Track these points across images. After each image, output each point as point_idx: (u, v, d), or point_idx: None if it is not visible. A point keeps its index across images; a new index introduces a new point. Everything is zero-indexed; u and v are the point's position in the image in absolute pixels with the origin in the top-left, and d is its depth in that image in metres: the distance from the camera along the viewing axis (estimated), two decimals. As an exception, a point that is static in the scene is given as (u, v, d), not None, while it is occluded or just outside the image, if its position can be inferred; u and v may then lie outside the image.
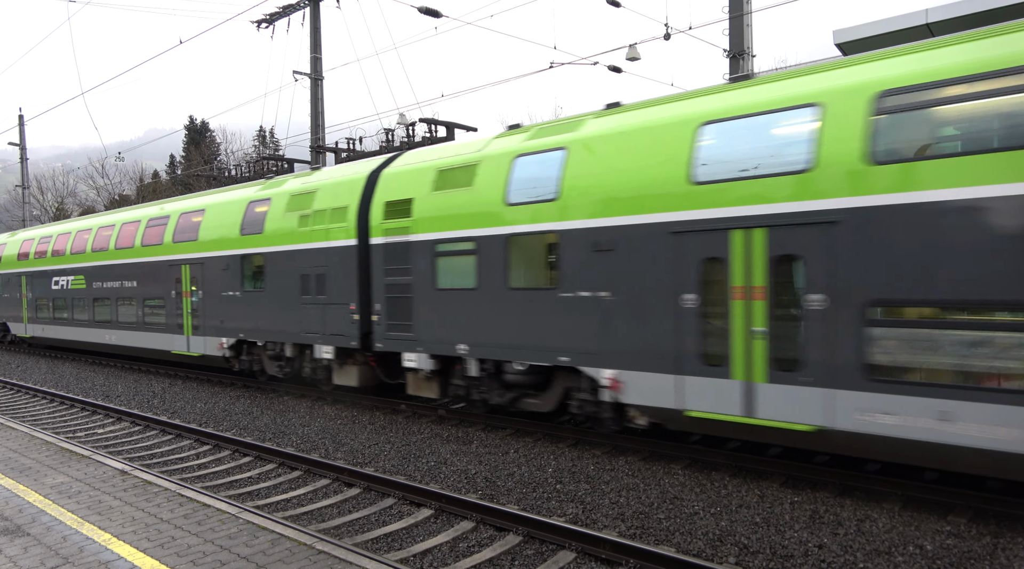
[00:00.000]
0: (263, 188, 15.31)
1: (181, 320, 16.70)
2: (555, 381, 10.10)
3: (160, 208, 18.64)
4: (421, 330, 11.36)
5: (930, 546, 6.20)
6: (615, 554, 6.06)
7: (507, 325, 10.15)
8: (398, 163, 12.38)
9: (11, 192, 61.47)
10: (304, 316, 13.44)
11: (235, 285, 15.08)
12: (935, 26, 10.70)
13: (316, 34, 23.35)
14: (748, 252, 7.78)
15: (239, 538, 5.87)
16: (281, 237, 13.90)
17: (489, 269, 10.32)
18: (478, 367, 10.74)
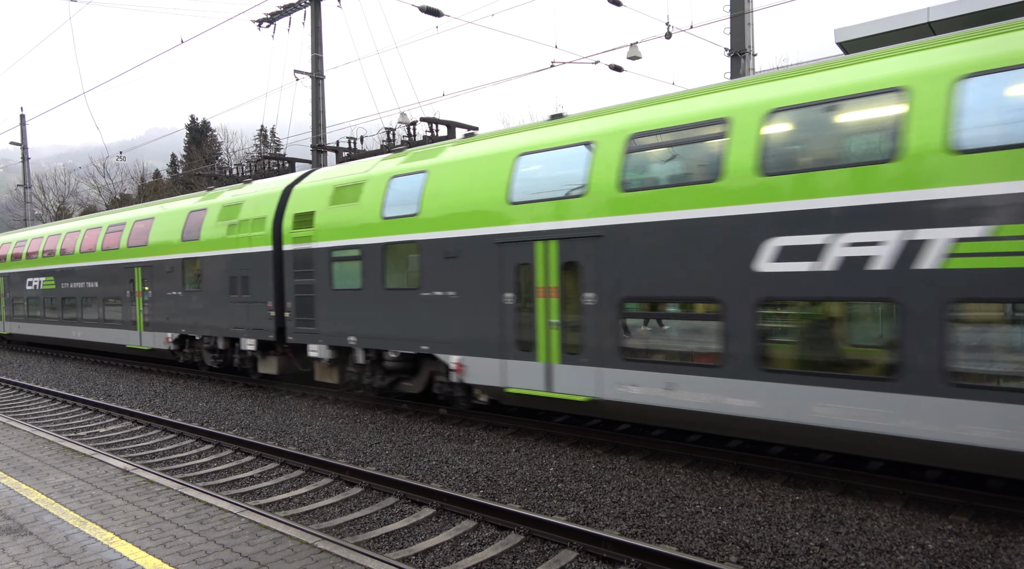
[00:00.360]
0: (202, 199, 17.16)
1: (135, 317, 18.54)
2: (422, 367, 11.93)
3: (118, 215, 20.52)
4: (322, 325, 13.12)
5: (932, 545, 6.20)
6: (617, 553, 6.06)
7: (384, 320, 11.96)
8: (306, 180, 14.25)
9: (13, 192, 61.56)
10: (232, 313, 15.26)
11: (177, 286, 16.92)
12: (937, 24, 10.70)
13: (317, 33, 23.35)
14: (547, 259, 9.69)
15: (241, 537, 5.88)
16: (214, 243, 15.74)
17: (370, 272, 12.15)
18: (364, 356, 12.54)
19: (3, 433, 10.31)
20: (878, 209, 6.94)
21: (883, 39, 10.73)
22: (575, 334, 9.45)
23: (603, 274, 9.05)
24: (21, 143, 39.76)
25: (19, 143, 39.79)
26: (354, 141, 19.40)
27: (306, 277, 13.38)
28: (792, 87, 7.90)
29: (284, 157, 21.14)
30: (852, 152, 7.41)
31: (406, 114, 20.54)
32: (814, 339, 7.86)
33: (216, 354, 16.23)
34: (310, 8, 23.31)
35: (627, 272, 8.86)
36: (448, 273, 10.87)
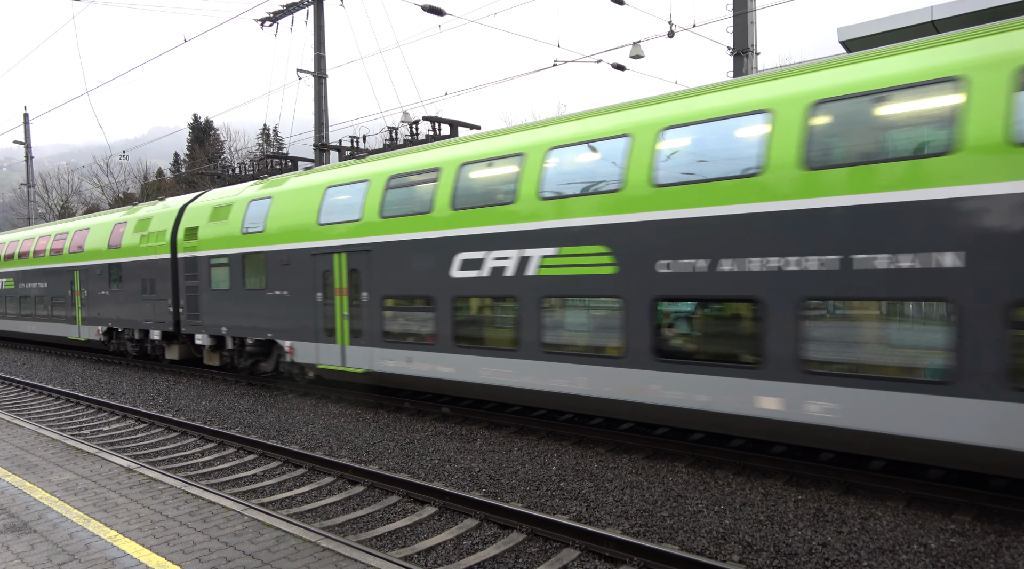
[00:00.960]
0: (126, 213, 20.34)
1: (75, 313, 21.80)
2: (272, 351, 15.02)
3: (64, 226, 23.79)
4: (204, 318, 16.23)
5: (934, 544, 6.19)
6: (619, 552, 6.07)
7: (244, 314, 15.05)
8: (196, 201, 17.37)
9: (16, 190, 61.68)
10: (144, 309, 18.48)
11: (105, 286, 20.09)
12: (940, 23, 10.67)
13: (320, 32, 23.36)
14: (340, 267, 12.71)
15: (244, 535, 5.89)
16: (131, 251, 18.89)
17: (235, 276, 15.23)
18: (232, 342, 15.73)
19: (7, 431, 10.35)
20: (507, 236, 10.07)
21: (886, 38, 10.70)
22: (357, 323, 12.54)
23: (372, 278, 12.16)
24: (25, 142, 39.84)
25: (23, 142, 39.88)
26: (357, 140, 19.42)
27: (193, 280, 16.49)
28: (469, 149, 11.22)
29: (287, 156, 21.17)
30: (495, 196, 10.52)
31: (409, 113, 20.57)
32: (480, 324, 10.97)
33: (134, 343, 19.57)
34: (313, 7, 23.32)
35: (386, 277, 11.96)
36: (283, 277, 14.00)
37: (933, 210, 6.64)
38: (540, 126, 10.50)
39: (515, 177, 10.09)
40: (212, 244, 15.84)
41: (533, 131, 10.40)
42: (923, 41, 7.34)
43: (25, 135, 39.78)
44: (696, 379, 8.27)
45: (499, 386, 10.32)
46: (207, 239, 15.97)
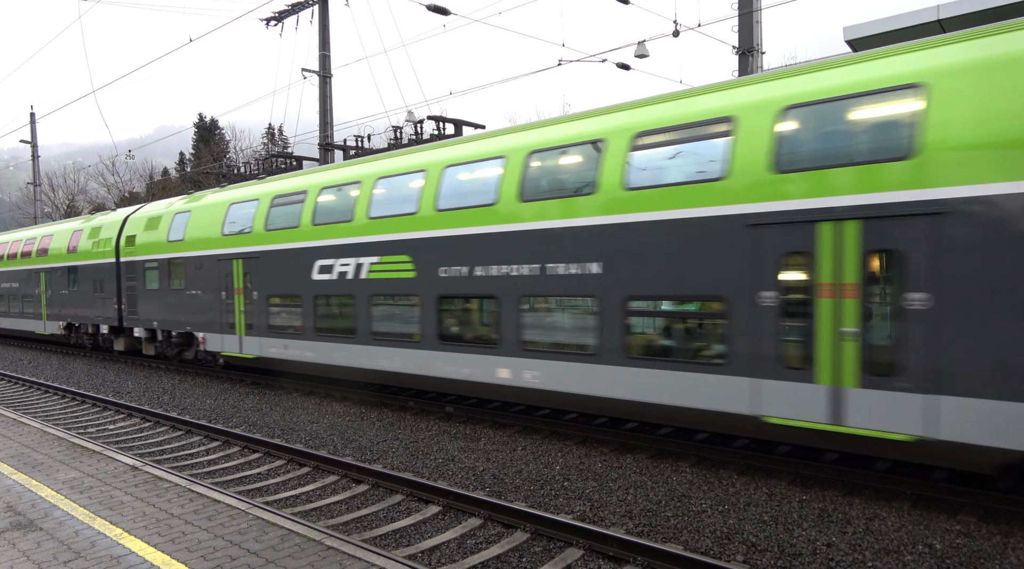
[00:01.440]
0: (82, 222, 23.42)
1: (41, 310, 24.69)
2: (192, 342, 17.57)
3: (34, 232, 26.72)
4: (140, 314, 19.10)
5: (939, 545, 6.17)
6: (623, 552, 6.06)
7: (170, 310, 17.80)
8: (137, 213, 20.12)
9: (23, 189, 61.95)
10: (95, 306, 21.24)
11: (65, 286, 22.94)
12: (947, 22, 10.62)
13: (325, 32, 23.39)
14: (238, 270, 15.34)
15: (249, 534, 5.91)
16: (85, 255, 21.68)
17: (164, 278, 17.97)
18: (162, 334, 18.47)
19: (14, 429, 10.40)
20: (348, 247, 12.64)
21: (892, 37, 10.66)
22: (251, 317, 15.07)
23: (261, 280, 14.75)
24: (31, 141, 40.01)
25: (29, 141, 40.04)
26: (361, 139, 19.44)
27: (132, 281, 19.36)
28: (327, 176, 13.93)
29: (292, 155, 21.20)
30: (341, 215, 12.92)
31: (413, 112, 20.57)
32: (332, 317, 13.32)
33: (88, 336, 22.36)
34: (318, 6, 23.35)
35: (270, 279, 14.52)
36: (197, 279, 16.66)
37: (584, 233, 9.39)
38: (372, 160, 13.32)
39: (354, 201, 12.72)
40: (147, 250, 18.76)
41: (368, 164, 13.19)
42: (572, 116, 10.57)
43: (31, 134, 39.94)
44: (462, 357, 10.99)
45: (345, 366, 12.98)
46: (143, 245, 18.93)
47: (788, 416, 7.61)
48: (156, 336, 18.70)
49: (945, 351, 6.59)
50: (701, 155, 8.67)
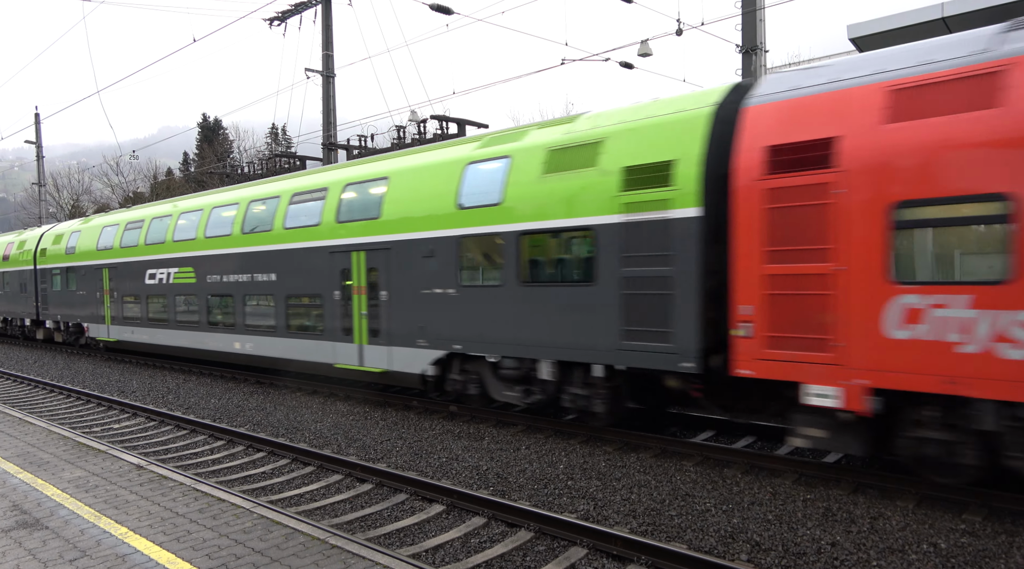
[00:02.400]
0: (15, 236, 29.33)
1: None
2: (82, 330, 22.54)
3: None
4: (50, 309, 24.37)
5: (944, 544, 6.16)
6: (626, 550, 6.06)
7: (68, 306, 23.00)
8: (51, 230, 25.44)
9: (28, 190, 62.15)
10: (20, 304, 26.83)
11: (0, 287, 28.77)
12: (951, 20, 10.59)
13: (328, 31, 23.42)
14: (104, 276, 20.64)
15: (253, 532, 5.93)
16: (15, 262, 27.22)
17: (63, 281, 23.20)
18: (64, 326, 23.61)
19: (20, 428, 10.44)
20: (163, 260, 17.82)
21: (897, 35, 10.64)
22: (114, 311, 20.39)
23: (120, 283, 19.95)
24: (36, 142, 40.13)
25: (34, 142, 40.16)
26: (365, 139, 19.46)
27: (44, 284, 24.66)
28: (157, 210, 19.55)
29: (295, 155, 21.24)
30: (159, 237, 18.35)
31: (416, 112, 20.59)
32: (157, 310, 18.44)
33: (18, 327, 28.02)
34: (321, 6, 23.38)
35: (123, 283, 19.80)
36: (83, 282, 21.99)
37: (267, 254, 14.77)
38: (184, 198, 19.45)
39: (166, 228, 18.20)
40: (53, 260, 23.94)
41: (179, 202, 19.10)
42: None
43: (36, 135, 40.06)
44: (218, 336, 16.50)
45: (164, 344, 18.34)
46: (51, 256, 24.13)
47: (345, 363, 13.09)
48: (60, 327, 24.11)
49: (393, 323, 12.17)
50: (310, 211, 13.96)
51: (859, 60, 7.82)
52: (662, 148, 8.82)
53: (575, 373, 9.80)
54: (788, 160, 7.62)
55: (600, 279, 9.21)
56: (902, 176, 6.86)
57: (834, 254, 7.29)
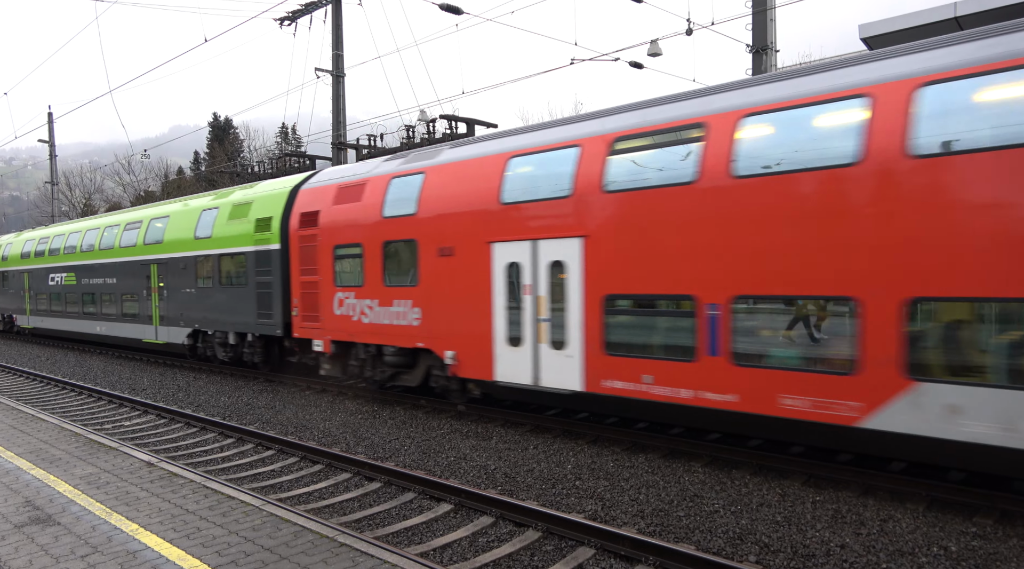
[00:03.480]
0: None
1: None
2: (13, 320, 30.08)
3: None
4: (2, 305, 31.01)
5: (955, 547, 6.12)
6: (634, 551, 6.06)
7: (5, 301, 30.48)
8: (3, 239, 32.02)
9: (41, 188, 62.64)
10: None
11: None
12: (964, 19, 10.51)
13: (338, 31, 23.48)
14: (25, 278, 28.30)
15: (263, 530, 5.96)
16: None
17: (11, 283, 29.87)
18: (2, 316, 30.71)
19: (32, 425, 10.53)
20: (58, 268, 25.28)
21: (909, 35, 10.56)
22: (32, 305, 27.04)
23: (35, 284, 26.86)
24: (49, 141, 40.45)
25: (47, 141, 40.49)
26: (374, 138, 19.50)
27: (2, 284, 30.98)
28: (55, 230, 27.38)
29: (305, 154, 21.34)
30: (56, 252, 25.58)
31: (426, 111, 20.62)
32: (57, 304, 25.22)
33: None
34: (331, 6, 23.45)
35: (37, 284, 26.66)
36: (12, 284, 29.15)
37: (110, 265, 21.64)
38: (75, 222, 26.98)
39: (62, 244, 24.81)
40: (14, 263, 29.45)
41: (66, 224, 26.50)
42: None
43: (49, 134, 40.38)
44: (88, 322, 22.64)
45: (61, 330, 24.86)
46: (12, 259, 29.66)
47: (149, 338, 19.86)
48: (2, 317, 31.08)
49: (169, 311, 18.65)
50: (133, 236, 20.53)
51: (348, 168, 14.76)
52: (268, 209, 15.47)
53: (244, 339, 16.42)
54: (306, 220, 14.11)
55: (248, 283, 15.88)
56: (338, 232, 13.40)
57: (319, 271, 13.83)
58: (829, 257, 7.35)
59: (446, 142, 13.20)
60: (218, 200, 17.60)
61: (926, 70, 7.03)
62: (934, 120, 6.89)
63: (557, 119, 11.84)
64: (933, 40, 7.43)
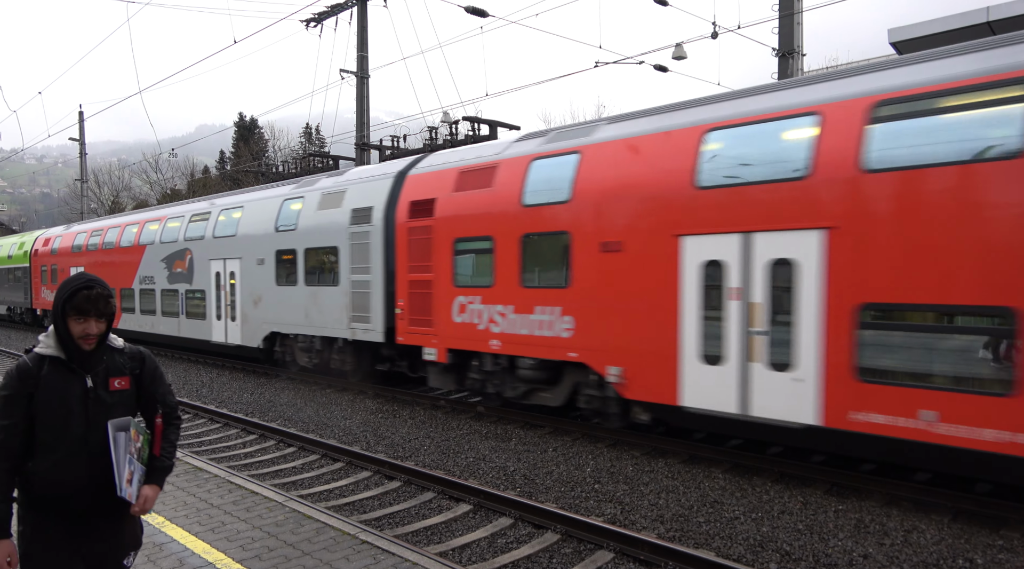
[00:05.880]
0: None
1: None
2: None
3: None
4: None
5: (981, 560, 6.03)
6: (654, 556, 6.04)
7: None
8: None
9: (71, 185, 63.83)
10: None
11: None
12: (997, 24, 10.35)
13: (363, 33, 23.68)
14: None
15: (286, 526, 6.03)
16: None
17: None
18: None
19: (61, 418, 10.74)
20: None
21: (939, 39, 10.42)
22: None
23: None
24: (79, 139, 41.23)
25: (77, 139, 41.27)
26: (397, 139, 19.63)
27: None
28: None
29: (328, 154, 21.54)
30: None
31: (449, 113, 20.73)
32: None
33: None
34: (357, 8, 23.66)
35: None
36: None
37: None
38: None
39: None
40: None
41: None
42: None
43: (80, 132, 41.15)
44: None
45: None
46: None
47: None
48: None
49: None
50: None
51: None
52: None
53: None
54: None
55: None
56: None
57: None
58: None
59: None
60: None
61: None
62: None
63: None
64: None
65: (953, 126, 6.91)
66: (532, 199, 10.38)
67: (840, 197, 7.29)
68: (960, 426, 6.53)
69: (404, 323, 12.47)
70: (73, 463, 3.05)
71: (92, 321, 3.06)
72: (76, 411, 3.06)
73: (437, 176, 12.16)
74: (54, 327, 3.10)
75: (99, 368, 3.16)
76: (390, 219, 12.88)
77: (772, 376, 7.83)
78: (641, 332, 9.05)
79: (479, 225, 11.05)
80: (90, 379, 3.12)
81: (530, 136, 11.45)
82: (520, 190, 10.49)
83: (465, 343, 11.37)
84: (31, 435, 3.03)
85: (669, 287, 8.69)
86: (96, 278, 3.12)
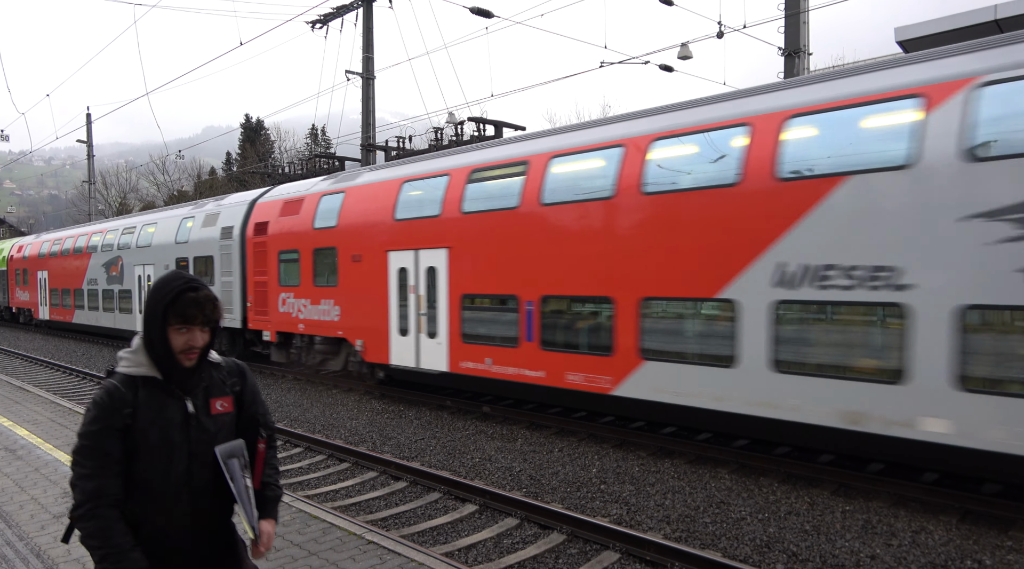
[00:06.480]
0: None
1: None
2: None
3: None
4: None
5: (989, 561, 5.99)
6: (660, 557, 6.03)
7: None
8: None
9: (78, 187, 64.17)
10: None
11: None
12: (1005, 22, 10.28)
13: (368, 34, 23.73)
14: None
15: (292, 526, 6.05)
16: None
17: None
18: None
19: (69, 418, 10.80)
20: None
21: (946, 38, 10.36)
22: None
23: None
24: (87, 141, 41.45)
25: (85, 141, 41.49)
26: (403, 140, 19.66)
27: None
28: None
29: (334, 156, 21.58)
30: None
31: (454, 114, 20.75)
32: None
33: None
34: (362, 10, 23.70)
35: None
36: None
37: None
38: None
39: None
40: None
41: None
42: None
43: (87, 134, 41.38)
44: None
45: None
46: None
47: None
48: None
49: None
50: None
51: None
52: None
53: None
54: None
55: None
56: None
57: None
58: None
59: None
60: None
61: None
62: None
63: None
64: None
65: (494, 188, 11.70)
66: (319, 224, 14.72)
67: (453, 228, 11.73)
68: (502, 367, 10.95)
69: (252, 313, 17.01)
70: (178, 507, 2.49)
71: (197, 331, 2.49)
72: (178, 443, 2.48)
73: (272, 205, 16.58)
74: (146, 339, 2.49)
75: (199, 388, 2.58)
76: (244, 236, 17.22)
77: (429, 342, 12.24)
78: (371, 315, 13.35)
79: (292, 241, 15.43)
80: (190, 403, 2.54)
81: (326, 178, 15.84)
82: (313, 217, 14.90)
83: (286, 327, 15.86)
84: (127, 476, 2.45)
85: (383, 285, 13.09)
86: (197, 277, 2.56)
